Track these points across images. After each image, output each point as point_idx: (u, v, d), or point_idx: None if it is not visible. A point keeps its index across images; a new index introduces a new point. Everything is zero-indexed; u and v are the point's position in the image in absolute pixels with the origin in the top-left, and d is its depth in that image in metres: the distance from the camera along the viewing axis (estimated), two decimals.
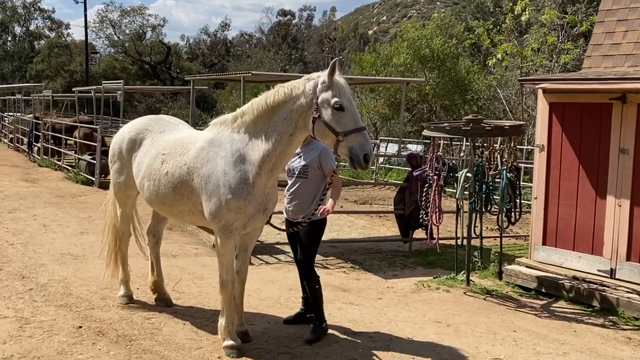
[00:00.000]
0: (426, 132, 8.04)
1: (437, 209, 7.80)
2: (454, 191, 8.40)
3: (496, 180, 7.84)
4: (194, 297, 6.73)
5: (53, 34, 63.70)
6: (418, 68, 24.22)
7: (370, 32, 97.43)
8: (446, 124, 8.46)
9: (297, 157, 5.63)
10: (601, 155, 7.39)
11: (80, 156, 17.36)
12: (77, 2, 46.43)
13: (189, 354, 5.15)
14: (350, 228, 12.12)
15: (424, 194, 8.13)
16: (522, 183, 12.29)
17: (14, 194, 12.99)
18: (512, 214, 7.91)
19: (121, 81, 16.51)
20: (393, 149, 21.54)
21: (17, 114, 27.46)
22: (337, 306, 6.67)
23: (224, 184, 4.92)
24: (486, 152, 7.85)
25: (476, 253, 7.91)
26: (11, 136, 26.78)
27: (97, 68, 52.28)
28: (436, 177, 7.79)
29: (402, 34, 26.23)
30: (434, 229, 7.88)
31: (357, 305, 6.86)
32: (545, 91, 7.86)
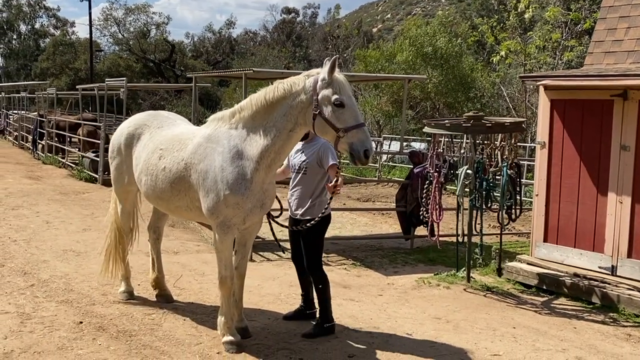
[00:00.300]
0: (427, 129, 8.05)
1: (437, 206, 7.80)
2: (454, 188, 8.39)
3: (497, 177, 7.83)
4: (194, 294, 6.76)
5: (58, 32, 63.88)
6: (421, 65, 24.16)
7: (375, 29, 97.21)
8: (447, 121, 8.46)
9: (299, 153, 5.66)
10: (602, 152, 7.38)
11: (83, 154, 17.43)
12: (81, 0, 46.60)
13: (189, 349, 5.18)
14: (352, 225, 12.13)
15: (425, 191, 8.13)
16: (524, 180, 12.27)
17: (17, 191, 13.05)
18: (513, 210, 7.91)
19: (124, 79, 16.51)
20: (396, 146, 21.49)
21: (22, 111, 27.55)
22: (337, 302, 6.67)
23: (222, 180, 4.94)
24: (487, 149, 7.84)
25: (477, 250, 7.91)
26: (16, 134, 26.90)
27: (101, 66, 52.37)
28: (436, 174, 7.79)
29: (404, 31, 26.15)
30: (435, 225, 7.89)
31: (357, 301, 6.88)
32: (546, 88, 7.84)
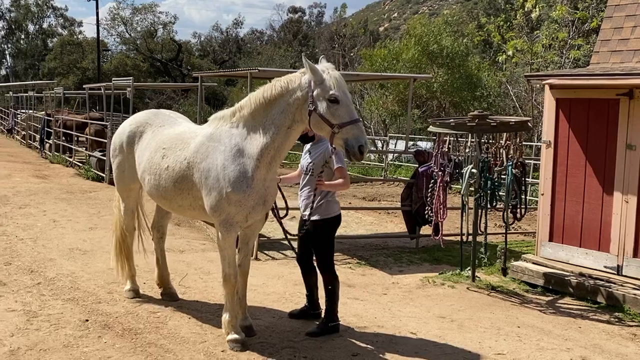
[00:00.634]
0: (432, 128, 8.04)
1: (441, 205, 7.80)
2: (459, 187, 8.38)
3: (502, 176, 7.81)
4: (199, 292, 6.79)
5: (65, 32, 64.28)
6: (427, 64, 24.08)
7: (381, 29, 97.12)
8: (452, 120, 8.45)
9: (307, 155, 5.72)
10: (608, 151, 7.35)
11: (90, 153, 17.51)
12: (89, 0, 46.84)
13: (194, 347, 5.20)
14: (357, 224, 12.14)
15: (429, 190, 8.13)
16: (531, 179, 12.20)
17: (25, 189, 13.13)
18: (518, 210, 7.89)
19: (131, 78, 16.57)
20: (403, 145, 21.46)
21: (30, 111, 27.70)
22: (342, 301, 6.63)
23: (224, 178, 4.97)
24: (492, 148, 7.83)
25: (482, 249, 7.89)
26: (24, 133, 27.05)
27: (109, 65, 52.55)
28: (441, 173, 7.79)
29: (410, 29, 26.08)
30: (439, 224, 7.88)
31: (362, 300, 6.89)
32: (551, 87, 7.82)
